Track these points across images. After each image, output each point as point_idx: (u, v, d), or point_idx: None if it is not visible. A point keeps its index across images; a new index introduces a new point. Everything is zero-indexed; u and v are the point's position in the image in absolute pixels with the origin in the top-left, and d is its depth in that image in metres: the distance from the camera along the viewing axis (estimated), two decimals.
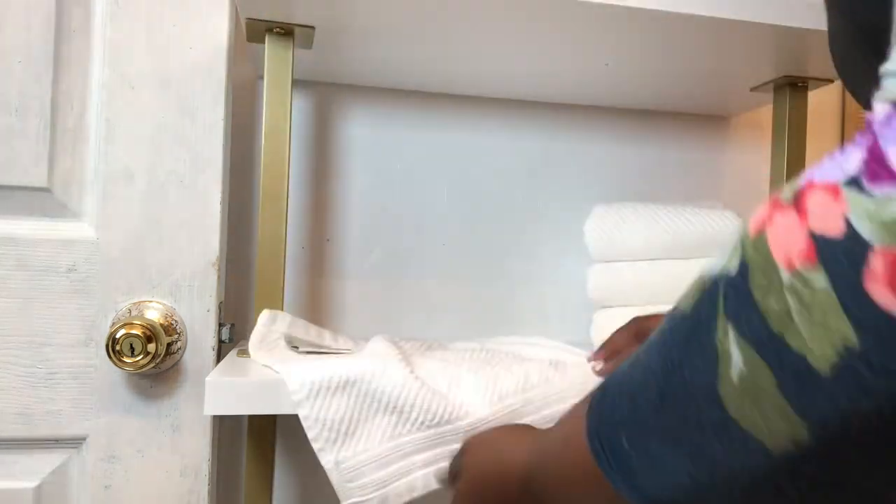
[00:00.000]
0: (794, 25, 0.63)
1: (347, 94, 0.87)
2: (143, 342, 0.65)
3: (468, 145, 0.90)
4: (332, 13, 0.62)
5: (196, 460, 0.70)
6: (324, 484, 0.85)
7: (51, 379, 0.67)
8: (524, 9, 0.61)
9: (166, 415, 0.70)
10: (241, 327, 0.83)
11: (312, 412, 0.51)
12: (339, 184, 0.86)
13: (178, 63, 0.71)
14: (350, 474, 0.51)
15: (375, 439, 0.51)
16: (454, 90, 0.87)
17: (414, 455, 0.52)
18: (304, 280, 0.85)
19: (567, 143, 0.93)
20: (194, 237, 0.71)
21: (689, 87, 0.83)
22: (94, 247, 0.69)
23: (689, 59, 0.73)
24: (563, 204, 0.92)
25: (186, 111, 0.71)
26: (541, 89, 0.86)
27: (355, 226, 0.86)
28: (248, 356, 0.62)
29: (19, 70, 0.67)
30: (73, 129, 0.69)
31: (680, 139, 0.96)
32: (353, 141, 0.87)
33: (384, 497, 0.51)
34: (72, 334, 0.68)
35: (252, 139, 0.84)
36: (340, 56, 0.75)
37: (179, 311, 0.70)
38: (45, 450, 0.68)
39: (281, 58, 0.64)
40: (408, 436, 0.52)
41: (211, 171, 0.71)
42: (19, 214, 0.68)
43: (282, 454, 0.84)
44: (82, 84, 0.69)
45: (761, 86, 0.81)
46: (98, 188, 0.69)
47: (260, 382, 0.52)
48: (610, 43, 0.68)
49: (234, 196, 0.82)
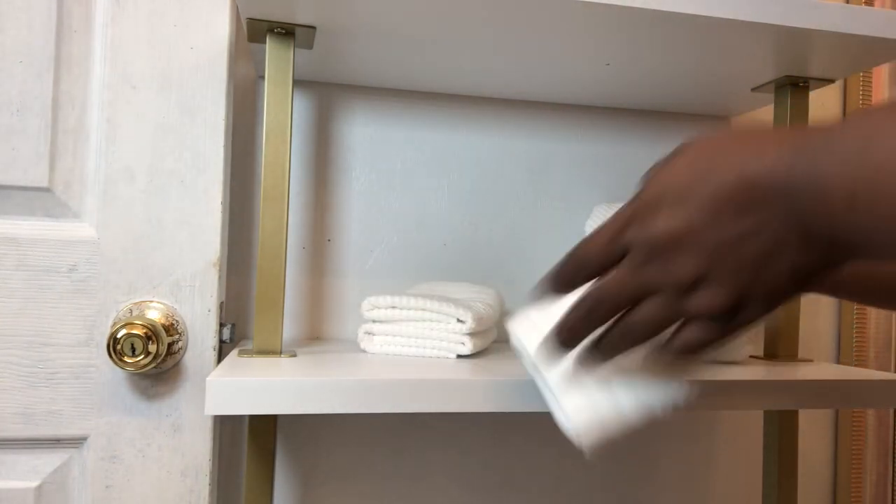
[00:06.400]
0: (795, 25, 0.63)
1: (348, 94, 0.87)
2: (143, 342, 0.65)
3: (468, 145, 0.90)
4: (332, 13, 0.62)
5: (197, 460, 0.70)
6: (324, 483, 0.85)
7: (52, 379, 0.67)
8: (524, 9, 0.61)
9: (167, 415, 0.70)
10: (241, 327, 0.83)
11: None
12: (340, 184, 0.86)
13: (178, 63, 0.71)
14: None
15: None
16: (454, 90, 0.87)
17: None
18: (304, 280, 0.85)
19: (567, 143, 0.93)
20: (195, 237, 0.71)
21: (690, 87, 0.83)
22: (94, 246, 0.69)
23: (690, 59, 0.73)
24: (563, 204, 0.92)
25: (187, 111, 0.71)
26: (541, 89, 0.86)
27: (355, 226, 0.86)
28: (249, 356, 0.62)
29: (20, 70, 0.67)
30: (73, 129, 0.69)
31: (680, 139, 0.96)
32: (353, 141, 0.87)
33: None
34: (73, 334, 0.68)
35: (252, 139, 0.84)
36: (341, 56, 0.75)
37: (180, 311, 0.70)
38: (45, 449, 0.68)
39: (282, 58, 0.64)
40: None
41: (212, 170, 0.71)
42: (20, 214, 0.68)
43: (282, 454, 0.84)
44: (83, 84, 0.69)
45: (762, 86, 0.81)
46: (99, 188, 0.69)
47: (260, 382, 0.52)
48: (610, 43, 0.68)
49: (234, 196, 0.82)
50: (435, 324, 0.66)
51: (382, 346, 0.68)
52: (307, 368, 0.58)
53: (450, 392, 0.55)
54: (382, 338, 0.68)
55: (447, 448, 0.88)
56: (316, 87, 0.86)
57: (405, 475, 0.87)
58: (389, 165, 0.88)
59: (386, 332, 0.68)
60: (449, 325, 0.66)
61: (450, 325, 0.66)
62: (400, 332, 0.68)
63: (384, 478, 0.86)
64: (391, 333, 0.68)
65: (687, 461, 0.95)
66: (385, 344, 0.68)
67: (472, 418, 0.89)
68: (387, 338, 0.68)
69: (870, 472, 1.01)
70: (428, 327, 0.67)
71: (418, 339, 0.67)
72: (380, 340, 0.68)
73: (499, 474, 0.90)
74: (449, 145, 0.89)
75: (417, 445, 0.87)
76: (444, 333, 0.66)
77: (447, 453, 0.88)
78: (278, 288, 0.64)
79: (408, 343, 0.67)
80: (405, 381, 0.55)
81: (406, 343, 0.68)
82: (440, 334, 0.66)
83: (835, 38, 0.65)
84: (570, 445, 0.92)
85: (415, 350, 0.67)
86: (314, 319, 0.85)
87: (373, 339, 0.69)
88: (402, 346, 0.68)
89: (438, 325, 0.66)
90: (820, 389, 0.63)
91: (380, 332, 0.68)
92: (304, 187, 0.85)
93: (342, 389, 0.53)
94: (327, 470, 0.85)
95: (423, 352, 0.67)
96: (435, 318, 0.66)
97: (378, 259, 0.87)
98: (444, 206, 0.89)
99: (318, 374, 0.54)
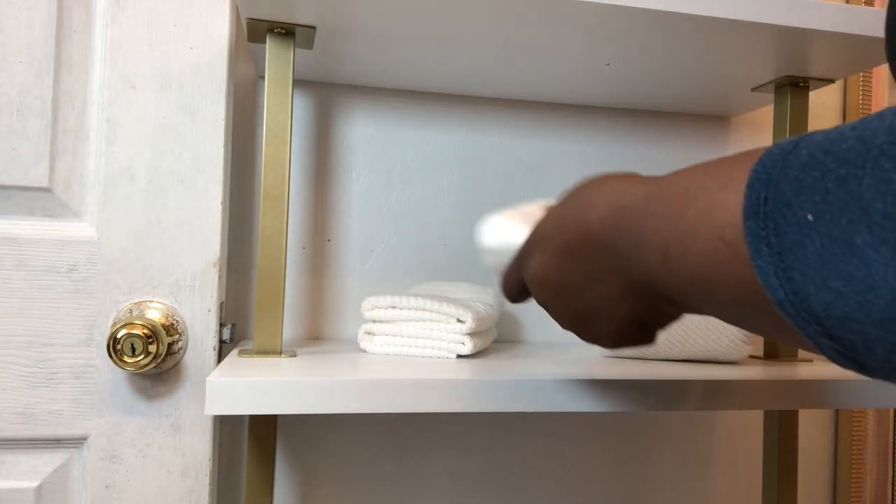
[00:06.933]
0: (795, 25, 0.63)
1: (348, 94, 0.87)
2: (144, 342, 0.65)
3: (468, 145, 0.90)
4: (332, 13, 0.62)
5: (197, 460, 0.70)
6: (324, 483, 0.85)
7: (52, 379, 0.67)
8: (524, 9, 0.61)
9: (167, 415, 0.70)
10: (241, 327, 0.83)
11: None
12: (340, 184, 0.86)
13: (179, 63, 0.71)
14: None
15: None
16: (454, 90, 0.87)
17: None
18: (304, 280, 0.85)
19: (567, 143, 0.93)
20: (195, 237, 0.71)
21: (690, 87, 0.83)
22: (94, 247, 0.69)
23: (690, 59, 0.73)
24: None
25: (187, 111, 0.71)
26: (541, 89, 0.86)
27: (355, 226, 0.86)
28: (249, 356, 0.62)
29: (20, 70, 0.67)
30: (73, 129, 0.69)
31: (680, 139, 0.96)
32: (353, 141, 0.87)
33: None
34: (73, 334, 0.68)
35: (252, 139, 0.84)
36: (341, 56, 0.75)
37: (180, 311, 0.70)
38: (46, 449, 0.68)
39: (282, 58, 0.64)
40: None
41: (212, 170, 0.71)
42: (20, 214, 0.68)
43: (282, 454, 0.84)
44: (83, 84, 0.69)
45: (762, 86, 0.81)
46: (99, 188, 0.69)
47: (260, 382, 0.52)
48: (610, 43, 0.68)
49: (234, 196, 0.82)
50: (435, 324, 0.66)
51: (382, 346, 0.68)
52: (307, 368, 0.58)
53: (450, 392, 0.55)
54: (382, 338, 0.68)
55: (447, 448, 0.88)
56: (316, 87, 0.86)
57: (405, 475, 0.87)
58: (389, 165, 0.88)
59: (386, 332, 0.68)
60: (449, 325, 0.66)
61: (450, 325, 0.66)
62: (400, 332, 0.68)
63: (384, 478, 0.86)
64: (391, 333, 0.68)
65: (687, 461, 0.95)
66: (385, 344, 0.68)
67: (472, 418, 0.89)
68: (387, 338, 0.68)
69: (870, 472, 1.01)
70: (428, 327, 0.67)
71: (418, 339, 0.67)
72: (380, 340, 0.68)
73: (499, 474, 0.90)
74: (449, 145, 0.89)
75: (417, 445, 0.87)
76: (445, 333, 0.66)
77: (447, 453, 0.88)
78: (278, 288, 0.64)
79: (408, 343, 0.67)
80: (405, 381, 0.55)
81: (406, 343, 0.68)
82: (440, 334, 0.66)
83: (835, 38, 0.65)
84: (571, 445, 0.92)
85: (415, 350, 0.67)
86: (314, 319, 0.85)
87: (373, 339, 0.69)
88: (403, 346, 0.68)
89: (438, 326, 0.66)
90: (820, 389, 0.63)
91: (380, 332, 0.68)
92: (304, 187, 0.85)
93: (342, 389, 0.53)
94: (327, 470, 0.85)
95: (423, 352, 0.67)
96: (435, 318, 0.66)
97: (378, 259, 0.87)
98: (444, 206, 0.89)
99: (318, 374, 0.54)
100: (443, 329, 0.66)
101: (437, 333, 0.66)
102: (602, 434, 0.93)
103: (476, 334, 0.68)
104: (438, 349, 0.67)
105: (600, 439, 0.93)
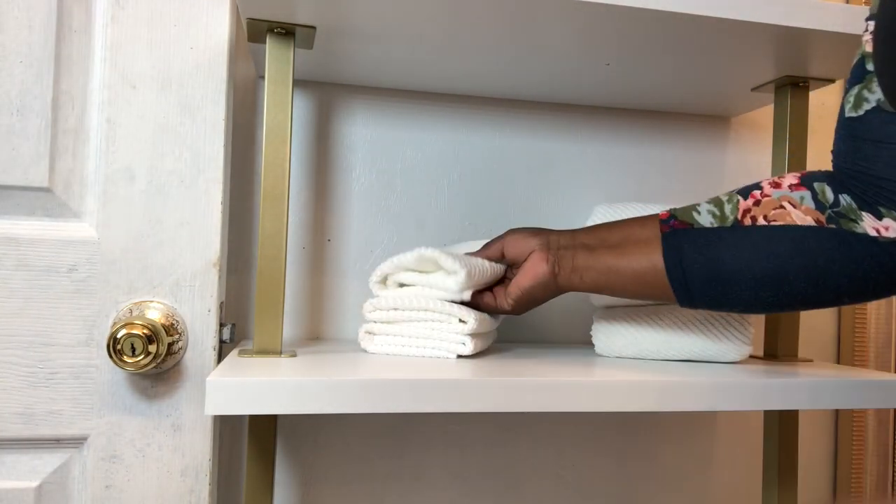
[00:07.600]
0: (795, 25, 0.63)
1: (348, 94, 0.87)
2: (144, 342, 0.65)
3: (468, 145, 0.90)
4: (333, 13, 0.62)
5: (197, 460, 0.71)
6: (324, 483, 0.85)
7: (52, 379, 0.67)
8: (524, 9, 0.61)
9: (167, 415, 0.70)
10: (241, 327, 0.83)
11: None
12: (340, 184, 0.86)
13: (178, 63, 0.71)
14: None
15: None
16: (454, 90, 0.87)
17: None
18: (304, 280, 0.85)
19: (567, 143, 0.93)
20: (195, 237, 0.71)
21: (690, 87, 0.83)
22: (94, 247, 0.69)
23: (690, 59, 0.73)
24: (563, 204, 0.93)
25: (187, 111, 0.71)
26: (541, 89, 0.86)
27: (355, 226, 0.87)
28: (249, 356, 0.63)
29: (20, 70, 0.67)
30: (73, 129, 0.69)
31: (681, 139, 0.96)
32: (353, 141, 0.87)
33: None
34: (73, 334, 0.68)
35: (252, 139, 0.84)
36: (341, 56, 0.75)
37: (180, 311, 0.70)
38: (46, 449, 0.68)
39: (282, 58, 0.64)
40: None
41: (211, 170, 0.71)
42: (20, 214, 0.68)
43: (282, 454, 0.84)
44: (83, 84, 0.69)
45: (762, 86, 0.81)
46: (99, 188, 0.69)
47: (260, 382, 0.52)
48: (610, 43, 0.68)
49: (234, 196, 0.82)
50: (436, 324, 0.66)
51: (383, 345, 0.68)
52: (307, 368, 0.58)
53: (450, 392, 0.55)
54: (383, 338, 0.68)
55: (447, 448, 0.88)
56: (316, 87, 0.86)
57: (405, 475, 0.87)
58: (389, 165, 0.88)
59: (386, 331, 0.68)
60: (451, 325, 0.66)
61: (451, 326, 0.66)
62: (401, 332, 0.67)
63: (384, 478, 0.86)
64: (392, 333, 0.68)
65: (687, 461, 0.95)
66: (385, 344, 0.68)
67: (472, 418, 0.89)
68: (387, 338, 0.68)
69: (870, 473, 1.01)
70: (429, 327, 0.67)
71: (419, 339, 0.67)
72: (380, 340, 0.68)
73: (499, 474, 0.90)
74: (449, 145, 0.89)
75: (417, 445, 0.87)
76: (446, 334, 0.66)
77: (447, 453, 0.88)
78: (278, 288, 0.64)
79: (408, 343, 0.67)
80: (405, 381, 0.55)
81: (406, 343, 0.67)
82: (441, 334, 0.66)
83: (835, 38, 0.66)
84: (571, 445, 0.92)
85: (415, 350, 0.67)
86: (314, 319, 0.85)
87: (373, 338, 0.69)
88: (403, 346, 0.68)
89: (440, 326, 0.66)
90: (820, 389, 0.63)
91: (380, 331, 0.68)
92: (304, 187, 0.85)
93: (342, 389, 0.53)
94: (327, 470, 0.85)
95: (424, 352, 0.67)
96: (437, 318, 0.66)
97: (378, 259, 0.87)
98: (444, 206, 0.89)
99: (318, 374, 0.54)
100: (444, 329, 0.66)
101: (438, 333, 0.66)
102: (602, 434, 0.93)
103: (477, 335, 0.68)
104: (439, 349, 0.67)
105: (600, 439, 0.93)
